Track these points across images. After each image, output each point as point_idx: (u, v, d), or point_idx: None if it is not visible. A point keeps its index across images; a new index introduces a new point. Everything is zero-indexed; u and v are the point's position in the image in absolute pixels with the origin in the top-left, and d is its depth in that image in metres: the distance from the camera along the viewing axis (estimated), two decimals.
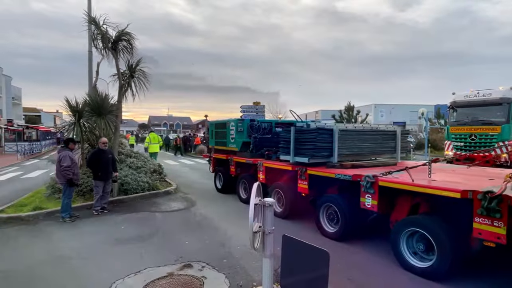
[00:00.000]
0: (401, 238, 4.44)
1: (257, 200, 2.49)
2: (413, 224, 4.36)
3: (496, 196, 3.40)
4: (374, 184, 4.70)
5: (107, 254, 5.05)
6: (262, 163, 7.46)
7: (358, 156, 6.62)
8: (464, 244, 3.94)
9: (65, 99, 9.47)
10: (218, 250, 5.13)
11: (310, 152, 6.02)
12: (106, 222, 6.85)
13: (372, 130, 7.01)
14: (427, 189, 4.14)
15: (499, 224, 3.39)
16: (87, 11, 10.67)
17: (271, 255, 2.55)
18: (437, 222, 4.15)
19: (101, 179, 7.41)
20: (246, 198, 8.39)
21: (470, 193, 3.65)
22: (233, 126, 8.88)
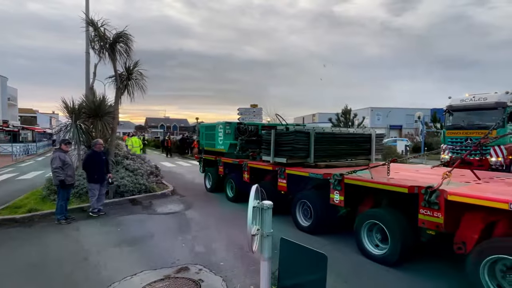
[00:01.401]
0: (362, 229, 4.95)
1: (256, 203, 2.48)
2: (371, 217, 4.88)
3: (434, 191, 3.92)
4: (341, 181, 5.21)
5: (103, 257, 4.99)
6: (247, 163, 7.95)
7: (334, 157, 7.13)
8: (414, 233, 4.40)
9: (62, 100, 9.44)
10: (215, 253, 5.10)
11: (288, 153, 6.53)
12: (101, 224, 6.79)
13: (348, 134, 7.52)
14: (380, 185, 4.69)
15: (437, 214, 3.91)
16: (85, 12, 10.66)
17: (269, 258, 2.54)
18: (391, 214, 4.66)
19: (97, 181, 7.35)
20: (233, 197, 8.89)
21: (416, 189, 4.18)
22: (221, 129, 9.39)
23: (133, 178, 9.32)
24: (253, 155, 8.22)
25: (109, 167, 8.14)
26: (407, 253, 4.51)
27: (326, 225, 5.90)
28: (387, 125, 36.71)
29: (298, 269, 2.34)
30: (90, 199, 7.42)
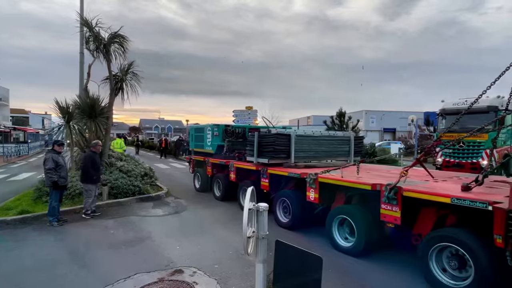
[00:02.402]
0: (333, 223, 5.37)
1: (251, 205, 2.48)
2: (341, 212, 5.33)
3: (393, 188, 4.32)
4: (316, 180, 5.63)
5: (96, 260, 4.94)
6: (233, 163, 8.34)
7: (314, 158, 7.60)
8: (378, 227, 4.83)
9: (55, 101, 9.37)
10: (209, 255, 5.07)
11: (269, 154, 6.90)
12: (95, 226, 6.71)
13: (327, 136, 8.03)
14: (347, 183, 5.18)
15: (396, 209, 4.32)
16: (80, 12, 10.60)
17: (264, 260, 2.53)
18: (358, 210, 5.10)
19: (95, 182, 7.34)
20: (220, 196, 9.29)
21: (378, 186, 4.60)
22: (210, 131, 9.86)
23: (127, 180, 9.23)
24: (239, 156, 8.53)
25: (101, 169, 8.08)
26: (372, 245, 4.94)
27: (303, 221, 6.27)
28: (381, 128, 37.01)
29: (293, 271, 2.34)
30: (86, 201, 7.30)
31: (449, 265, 3.90)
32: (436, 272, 3.96)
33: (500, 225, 3.23)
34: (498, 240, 3.26)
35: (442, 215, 4.24)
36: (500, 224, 3.22)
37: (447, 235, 3.87)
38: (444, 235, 3.92)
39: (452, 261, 3.87)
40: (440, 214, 4.25)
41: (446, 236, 3.88)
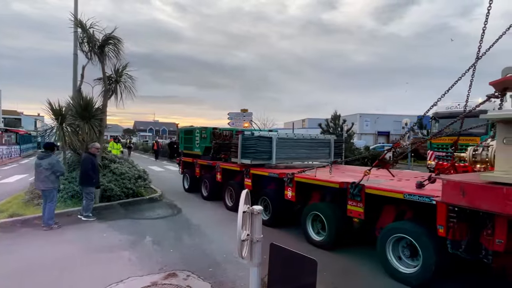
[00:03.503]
0: (307, 219, 5.78)
1: (245, 208, 2.44)
2: (314, 209, 5.74)
3: (357, 185, 4.76)
4: (292, 179, 6.05)
5: (88, 263, 4.86)
6: (219, 165, 8.81)
7: (295, 159, 8.06)
8: (346, 222, 5.29)
9: (48, 102, 9.19)
10: (203, 259, 5.04)
11: (252, 155, 7.32)
12: (87, 229, 6.63)
13: (308, 139, 8.49)
14: (318, 182, 5.65)
15: (360, 205, 4.76)
16: (74, 13, 10.49)
17: (259, 263, 2.51)
18: (329, 207, 5.56)
19: (95, 185, 7.33)
20: (207, 196, 9.73)
21: (345, 184, 5.02)
22: (198, 133, 10.31)
23: (120, 182, 9.15)
24: (225, 157, 8.83)
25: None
26: (341, 239, 5.40)
27: (282, 219, 6.64)
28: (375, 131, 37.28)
29: (287, 274, 2.33)
30: (87, 203, 7.24)
31: (403, 254, 4.35)
32: (392, 261, 4.38)
33: (441, 217, 3.60)
34: (441, 230, 3.62)
35: (401, 210, 4.67)
36: (442, 216, 3.59)
37: (401, 227, 4.33)
38: (398, 227, 4.37)
39: (405, 251, 4.32)
40: (399, 210, 4.68)
41: (400, 228, 4.33)
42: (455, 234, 3.45)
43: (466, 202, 3.04)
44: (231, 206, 8.39)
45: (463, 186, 3.04)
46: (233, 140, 8.18)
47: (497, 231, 3.14)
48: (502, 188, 2.75)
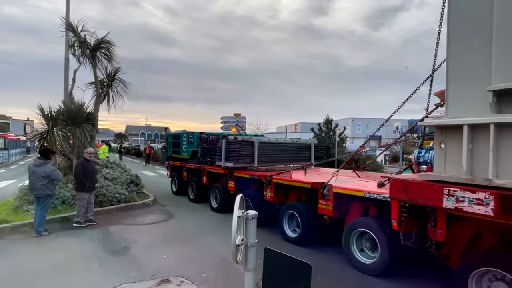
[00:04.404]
0: (284, 218, 6.18)
1: (240, 213, 2.43)
2: (289, 208, 6.16)
3: (326, 185, 5.23)
4: (271, 181, 6.50)
5: (79, 270, 4.80)
6: (205, 168, 9.26)
7: (276, 162, 8.44)
8: (318, 221, 5.65)
9: (39, 107, 9.06)
10: (197, 264, 5.02)
11: (235, 158, 7.73)
12: (78, 236, 6.56)
13: (290, 143, 9.07)
14: (292, 182, 6.13)
15: (329, 203, 5.22)
16: (65, 17, 10.48)
17: (253, 268, 2.46)
18: (303, 206, 5.95)
19: (87, 191, 7.23)
20: (194, 198, 10.09)
21: (316, 184, 5.46)
22: (185, 138, 10.72)
23: (112, 188, 9.04)
24: (211, 161, 9.15)
25: (96, 177, 8.02)
26: (314, 236, 5.81)
27: (263, 219, 6.94)
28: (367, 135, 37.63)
29: (282, 278, 2.33)
30: (79, 209, 7.18)
31: (365, 246, 4.81)
32: (355, 253, 4.84)
33: (394, 212, 4.04)
34: (394, 224, 4.06)
35: (365, 207, 5.06)
36: (395, 211, 4.04)
37: (363, 223, 4.80)
38: (361, 222, 4.83)
39: (367, 244, 4.77)
40: (364, 207, 5.08)
41: (362, 223, 4.80)
42: (406, 227, 3.94)
43: (408, 197, 3.55)
44: (216, 207, 8.83)
45: (405, 184, 3.53)
46: (218, 144, 8.63)
47: (438, 223, 3.65)
48: (434, 185, 3.22)
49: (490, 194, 2.72)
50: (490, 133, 2.76)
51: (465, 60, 3.07)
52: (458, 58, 3.13)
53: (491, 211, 2.71)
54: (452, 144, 3.09)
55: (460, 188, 2.92)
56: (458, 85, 3.13)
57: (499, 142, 2.78)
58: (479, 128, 2.90)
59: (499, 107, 2.81)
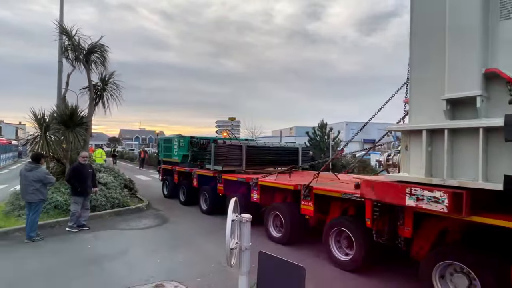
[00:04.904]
0: (269, 218, 6.58)
1: (234, 216, 2.50)
2: (274, 209, 6.55)
3: (307, 187, 5.63)
4: (257, 183, 6.91)
5: (71, 276, 4.85)
6: (195, 171, 9.63)
7: (264, 166, 8.88)
8: (301, 221, 6.03)
9: (32, 111, 9.15)
10: (191, 269, 5.12)
11: (223, 162, 8.21)
12: (71, 241, 6.64)
13: (278, 147, 9.73)
14: (277, 185, 6.54)
15: (310, 204, 5.62)
16: (59, 21, 10.68)
17: (247, 272, 2.55)
18: (287, 207, 6.34)
19: (81, 195, 7.32)
20: (184, 201, 10.46)
21: (298, 186, 5.89)
22: (176, 142, 11.17)
23: (106, 192, 9.17)
24: (201, 164, 9.57)
25: (95, 181, 8.12)
26: (297, 236, 6.20)
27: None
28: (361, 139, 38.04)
29: (276, 282, 2.39)
30: (72, 213, 7.27)
31: (343, 244, 5.19)
32: (335, 251, 5.23)
33: (368, 211, 4.42)
34: (368, 222, 4.44)
35: (344, 208, 5.42)
36: (368, 210, 4.41)
37: (340, 222, 5.19)
38: (339, 221, 5.21)
39: (344, 241, 5.15)
40: (344, 207, 5.44)
41: (339, 222, 5.19)
42: (379, 225, 4.30)
43: (375, 196, 3.90)
44: (205, 209, 9.19)
45: (373, 184, 3.89)
46: (207, 148, 9.10)
47: (405, 220, 4.03)
48: (398, 185, 3.58)
49: (444, 193, 3.08)
50: (445, 138, 3.15)
51: (424, 71, 3.45)
52: (418, 70, 3.52)
53: (446, 208, 3.07)
54: (415, 147, 3.46)
55: (420, 188, 3.28)
56: (419, 93, 3.51)
57: (453, 145, 3.17)
58: (436, 133, 3.28)
59: (453, 114, 3.20)
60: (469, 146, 3.05)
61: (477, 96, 2.91)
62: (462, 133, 3.11)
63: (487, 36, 2.99)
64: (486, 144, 2.94)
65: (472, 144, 3.00)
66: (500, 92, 2.91)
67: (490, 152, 2.94)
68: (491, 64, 2.94)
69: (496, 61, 2.91)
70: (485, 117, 2.98)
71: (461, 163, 3.11)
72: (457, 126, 3.10)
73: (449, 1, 3.19)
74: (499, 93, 2.92)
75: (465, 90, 3.00)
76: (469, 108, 3.07)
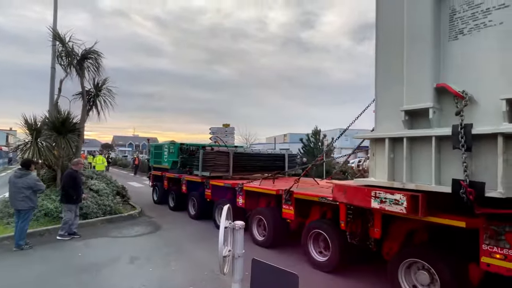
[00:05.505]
0: (253, 223, 7.01)
1: (227, 223, 2.56)
2: (258, 213, 6.97)
3: (288, 191, 6.06)
4: (242, 189, 7.31)
5: (61, 284, 4.88)
6: (184, 177, 10.05)
7: (251, 172, 9.30)
8: (283, 225, 6.49)
9: (23, 117, 9.32)
10: (184, 277, 5.17)
11: (211, 168, 8.66)
12: (61, 248, 6.66)
13: (265, 154, 10.31)
14: (260, 189, 6.95)
15: (291, 208, 6.05)
16: (52, 26, 10.98)
17: (240, 280, 2.58)
18: (269, 211, 6.72)
19: (75, 202, 7.43)
20: (174, 206, 10.93)
21: (280, 191, 6.31)
22: (166, 148, 11.67)
23: (98, 199, 9.28)
24: (190, 171, 9.93)
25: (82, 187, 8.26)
26: (280, 240, 6.60)
27: None
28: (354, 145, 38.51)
29: None
30: (65, 221, 7.31)
31: (321, 245, 5.58)
32: (313, 252, 5.62)
33: (342, 214, 4.83)
34: (342, 224, 4.84)
35: (324, 211, 5.78)
36: (343, 213, 4.82)
37: (317, 224, 5.58)
38: (316, 224, 5.60)
39: (321, 243, 5.54)
40: (323, 211, 5.80)
41: (316, 225, 5.59)
42: (352, 227, 4.69)
43: (346, 199, 4.28)
44: (193, 215, 9.62)
45: (344, 188, 4.28)
46: (196, 155, 9.58)
47: (375, 222, 4.43)
48: (364, 188, 3.97)
49: (403, 196, 3.49)
50: (404, 145, 3.58)
51: (386, 85, 3.91)
52: (382, 84, 3.98)
53: (405, 209, 3.47)
54: (380, 154, 3.89)
55: (383, 191, 3.69)
56: (382, 105, 3.96)
57: (411, 152, 3.60)
58: (397, 141, 3.72)
59: (411, 124, 3.65)
60: (424, 153, 3.46)
61: (429, 108, 3.36)
62: (419, 141, 3.54)
63: (438, 55, 3.46)
64: (438, 151, 3.37)
65: (427, 151, 3.41)
66: (449, 105, 3.35)
67: (442, 158, 3.36)
68: (442, 79, 3.40)
69: (446, 77, 3.38)
70: (438, 126, 3.41)
71: (418, 168, 3.53)
72: (414, 135, 3.53)
73: (406, 24, 3.66)
74: (449, 106, 3.37)
75: (419, 102, 3.45)
76: (424, 119, 3.50)
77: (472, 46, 3.27)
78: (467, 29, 3.29)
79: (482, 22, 3.18)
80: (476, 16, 3.22)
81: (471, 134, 3.04)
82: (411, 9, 3.57)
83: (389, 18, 3.90)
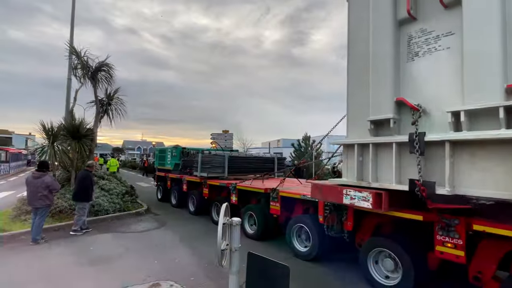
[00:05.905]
0: (245, 217, 7.24)
1: (225, 220, 2.59)
2: (248, 210, 7.23)
3: (274, 190, 6.36)
4: (235, 188, 7.64)
5: (74, 276, 4.96)
6: (185, 177, 10.48)
7: (244, 173, 9.66)
8: (271, 219, 6.73)
9: (41, 123, 9.52)
10: (186, 269, 5.26)
11: (208, 169, 9.06)
12: (74, 243, 6.74)
13: (256, 157, 10.84)
14: (251, 188, 7.20)
15: (277, 205, 6.35)
16: (69, 42, 11.30)
17: (237, 271, 2.62)
18: (259, 207, 7.05)
19: (88, 200, 7.62)
20: (175, 204, 11.26)
21: (268, 190, 6.60)
22: (170, 152, 12.25)
23: (108, 198, 9.46)
24: (190, 172, 10.31)
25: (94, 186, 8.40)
26: (268, 233, 6.87)
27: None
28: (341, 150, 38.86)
29: (263, 280, 2.48)
30: (79, 218, 7.43)
31: (303, 238, 5.82)
32: (296, 243, 5.86)
33: (320, 209, 5.13)
34: (320, 218, 5.15)
35: (306, 207, 6.07)
36: (321, 209, 5.12)
37: (299, 219, 5.82)
38: (299, 219, 5.85)
39: (303, 235, 5.80)
40: (305, 207, 6.09)
41: (299, 220, 5.83)
42: (329, 221, 4.95)
43: (321, 197, 4.54)
44: (193, 211, 9.98)
45: (320, 187, 4.52)
46: (195, 158, 10.00)
47: (348, 216, 4.69)
48: (337, 187, 4.22)
49: (369, 193, 3.73)
50: (370, 150, 3.84)
51: (355, 98, 4.17)
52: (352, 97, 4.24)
53: (371, 205, 3.71)
54: (351, 157, 4.13)
55: (353, 189, 3.93)
56: (353, 115, 4.22)
57: (377, 156, 3.86)
58: (365, 146, 3.97)
59: (376, 132, 3.91)
60: (387, 157, 3.71)
61: (390, 118, 3.62)
62: (382, 146, 3.79)
63: (398, 73, 3.74)
64: (399, 155, 3.62)
65: (389, 155, 3.67)
66: (407, 116, 3.62)
67: (402, 161, 3.61)
68: (401, 94, 3.67)
69: (404, 92, 3.65)
70: (398, 134, 3.68)
71: (382, 170, 3.78)
72: (378, 141, 3.79)
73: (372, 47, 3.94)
74: (406, 116, 3.64)
75: (382, 114, 3.71)
76: (386, 127, 3.77)
77: (426, 67, 3.55)
78: (421, 52, 3.58)
79: (433, 46, 3.47)
80: (428, 41, 3.51)
81: (424, 141, 3.31)
82: (376, 33, 3.85)
83: (357, 42, 4.18)
